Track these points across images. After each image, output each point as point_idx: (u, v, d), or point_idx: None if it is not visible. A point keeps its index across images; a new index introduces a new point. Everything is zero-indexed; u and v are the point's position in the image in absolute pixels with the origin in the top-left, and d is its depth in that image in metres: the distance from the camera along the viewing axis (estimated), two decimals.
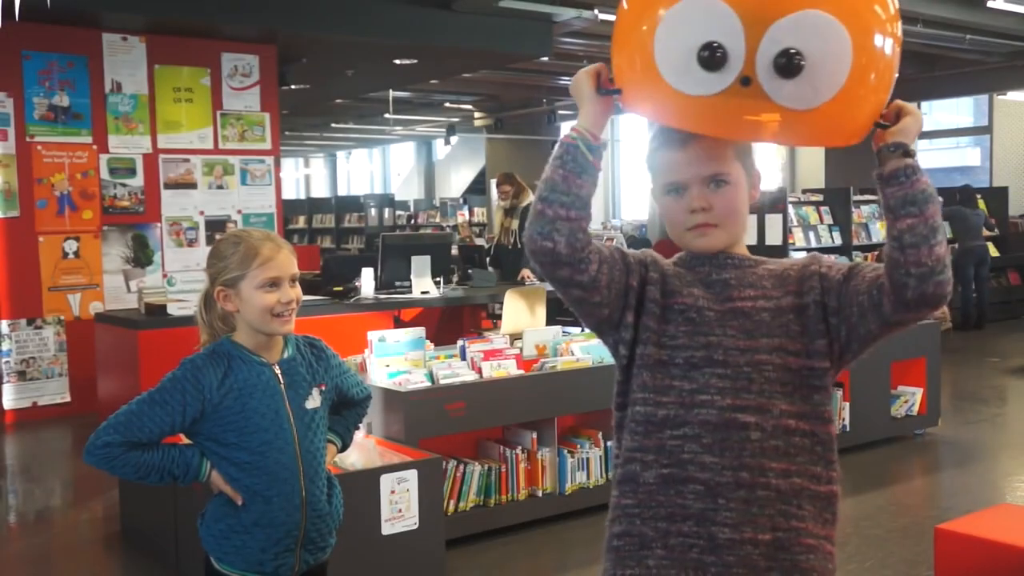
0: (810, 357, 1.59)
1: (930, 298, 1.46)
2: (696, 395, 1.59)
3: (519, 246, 8.70)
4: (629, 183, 22.05)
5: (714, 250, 1.63)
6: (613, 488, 1.65)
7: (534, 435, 4.42)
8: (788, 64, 1.34)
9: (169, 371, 2.18)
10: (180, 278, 7.86)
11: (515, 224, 8.90)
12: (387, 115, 15.62)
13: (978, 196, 12.01)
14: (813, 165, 18.16)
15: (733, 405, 1.58)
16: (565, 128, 18.95)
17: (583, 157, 1.53)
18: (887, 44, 1.46)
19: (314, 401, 2.25)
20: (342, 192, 28.36)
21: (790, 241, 9.88)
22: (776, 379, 1.59)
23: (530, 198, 8.94)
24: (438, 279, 6.98)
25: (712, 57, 1.36)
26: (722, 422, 1.57)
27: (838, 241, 10.44)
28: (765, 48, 1.35)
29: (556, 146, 1.57)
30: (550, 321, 6.56)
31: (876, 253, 10.60)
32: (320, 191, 30.41)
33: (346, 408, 2.46)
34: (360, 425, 2.56)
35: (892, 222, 1.47)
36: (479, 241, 12.92)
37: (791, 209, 10.11)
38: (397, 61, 9.91)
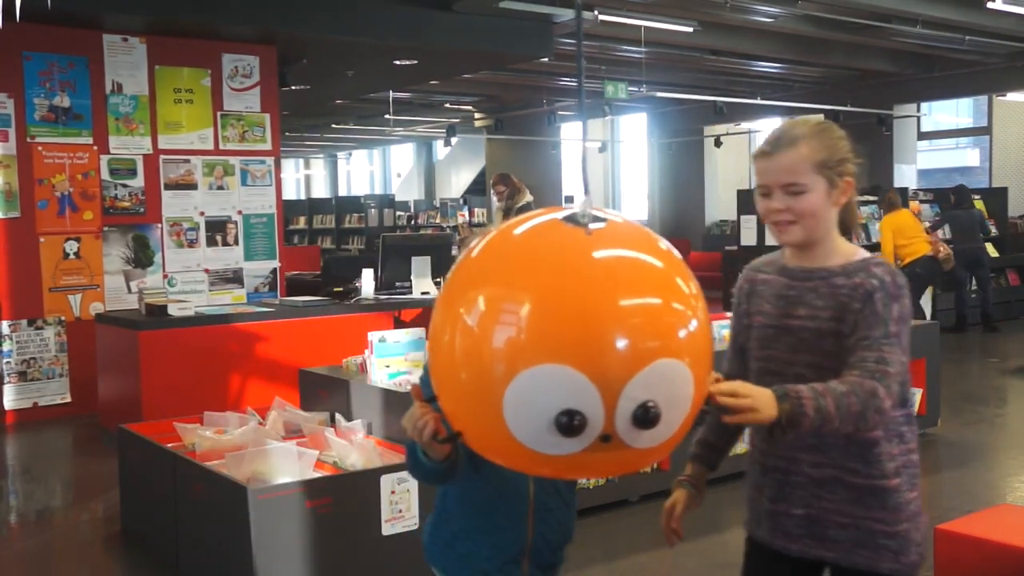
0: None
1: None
2: None
3: None
4: (629, 183, 22.05)
5: (792, 244, 1.98)
6: None
7: None
8: (646, 416, 1.37)
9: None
10: (180, 279, 7.86)
11: None
12: (387, 116, 15.62)
13: (976, 196, 12.01)
14: None
15: None
16: (565, 129, 18.99)
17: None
18: (705, 339, 1.51)
19: None
20: (342, 193, 28.38)
21: None
22: None
23: (527, 198, 8.92)
24: (438, 279, 6.99)
25: (571, 425, 1.35)
26: None
27: None
28: (622, 407, 1.37)
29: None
30: None
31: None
32: (320, 192, 30.42)
33: None
34: None
35: None
36: None
37: None
38: (397, 62, 9.91)
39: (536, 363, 1.34)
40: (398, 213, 18.17)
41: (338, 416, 4.32)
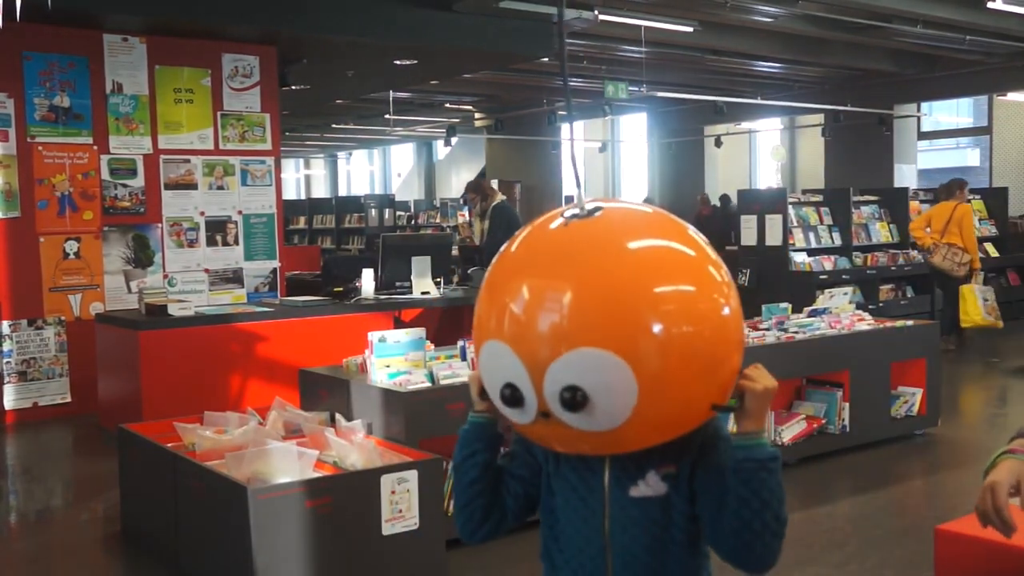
0: None
1: None
2: None
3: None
4: (629, 183, 22.06)
5: None
6: None
7: None
8: (572, 400, 1.39)
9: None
10: (181, 279, 7.86)
11: (486, 225, 9.18)
12: (387, 116, 15.62)
13: (976, 196, 12.01)
14: (813, 165, 18.17)
15: None
16: (565, 129, 18.99)
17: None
18: (698, 335, 1.42)
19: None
20: (342, 193, 28.39)
21: (790, 242, 9.88)
22: None
23: (499, 198, 9.26)
24: (438, 279, 6.99)
25: (512, 397, 1.45)
26: None
27: (838, 242, 10.44)
28: (549, 388, 1.40)
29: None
30: None
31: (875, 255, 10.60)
32: (320, 192, 30.44)
33: None
34: None
35: None
36: (479, 242, 12.92)
37: (791, 210, 10.10)
38: (397, 62, 9.91)
39: (488, 339, 1.48)
40: (398, 213, 18.17)
41: (338, 416, 4.32)
